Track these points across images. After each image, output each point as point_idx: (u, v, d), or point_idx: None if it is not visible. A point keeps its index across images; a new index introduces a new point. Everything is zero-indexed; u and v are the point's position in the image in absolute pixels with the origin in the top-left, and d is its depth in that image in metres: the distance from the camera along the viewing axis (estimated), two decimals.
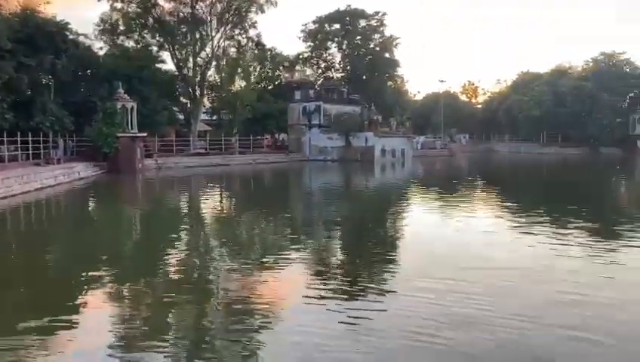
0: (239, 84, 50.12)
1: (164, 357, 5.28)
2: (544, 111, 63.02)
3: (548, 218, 13.81)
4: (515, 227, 12.60)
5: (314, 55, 60.88)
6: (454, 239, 11.26)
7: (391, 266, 9.02)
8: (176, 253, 10.36)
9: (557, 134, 63.94)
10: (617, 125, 62.72)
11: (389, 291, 7.43)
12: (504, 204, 18.38)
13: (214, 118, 53.13)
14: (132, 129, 32.31)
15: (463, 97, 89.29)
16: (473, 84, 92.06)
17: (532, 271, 8.31)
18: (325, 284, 7.71)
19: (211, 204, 20.05)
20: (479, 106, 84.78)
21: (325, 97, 49.66)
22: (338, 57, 60.95)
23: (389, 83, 61.29)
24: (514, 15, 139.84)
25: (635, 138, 60.59)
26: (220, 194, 24.15)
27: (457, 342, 5.44)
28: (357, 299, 7.03)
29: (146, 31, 43.82)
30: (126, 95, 32.66)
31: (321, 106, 48.28)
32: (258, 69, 54.86)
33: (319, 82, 58.07)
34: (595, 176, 33.05)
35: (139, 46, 43.35)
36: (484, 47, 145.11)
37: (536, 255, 9.43)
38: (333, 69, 61.42)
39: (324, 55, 61.12)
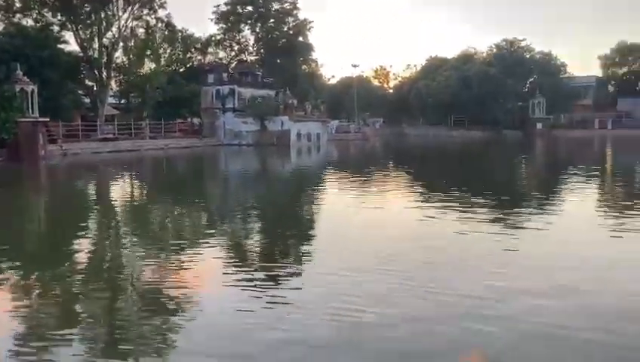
0: (148, 66, 48.35)
1: (75, 348, 5.03)
2: (452, 96, 65.56)
3: (457, 198, 14.42)
4: (428, 207, 13.04)
5: (227, 37, 59.79)
6: (370, 221, 11.48)
7: (307, 248, 9.08)
8: (83, 244, 9.85)
9: (464, 118, 66.74)
10: (519, 109, 66.55)
11: (308, 272, 7.49)
12: (416, 185, 18.98)
13: (123, 101, 50.96)
14: (33, 113, 30.34)
15: (376, 82, 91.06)
16: (385, 69, 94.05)
17: (442, 246, 8.65)
18: (243, 269, 7.64)
19: (121, 192, 19.26)
20: (391, 91, 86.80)
21: (239, 81, 48.93)
22: (252, 40, 60.21)
23: (304, 67, 61.34)
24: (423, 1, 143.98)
25: (534, 121, 64.61)
26: (131, 181, 23.24)
27: (376, 315, 5.57)
28: (276, 281, 7.01)
29: (46, 9, 41.15)
30: (25, 77, 30.58)
31: (236, 90, 47.55)
32: (168, 51, 53.18)
33: (233, 65, 57.15)
34: (500, 158, 34.86)
35: (38, 25, 40.66)
36: (395, 32, 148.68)
37: (446, 232, 9.80)
38: (246, 52, 60.60)
39: (238, 37, 60.15)
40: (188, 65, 55.50)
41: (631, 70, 75.25)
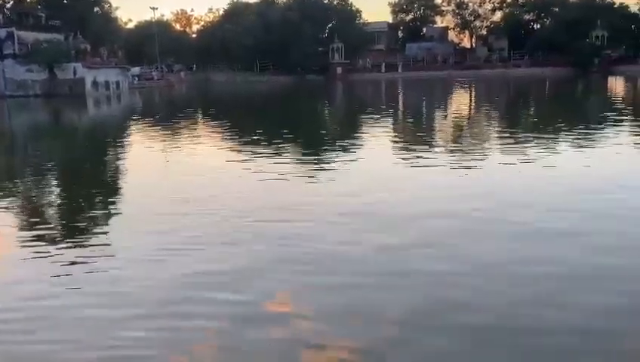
0: None
1: None
2: (255, 41, 65.53)
3: (265, 144, 14.58)
4: (239, 160, 12.97)
5: None
6: (180, 176, 11.06)
7: (113, 207, 8.48)
8: None
9: (269, 63, 67.35)
10: (320, 54, 69.05)
11: (114, 232, 7.00)
12: (225, 134, 18.76)
13: None
14: None
15: (177, 26, 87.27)
16: (186, 13, 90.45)
17: (248, 193, 8.70)
18: (42, 233, 6.87)
19: None
20: (194, 36, 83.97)
21: (19, 23, 43.28)
22: None
23: (95, 9, 56.22)
24: None
25: (335, 65, 67.75)
26: None
27: (180, 272, 5.40)
28: (78, 245, 6.43)
29: None
30: None
31: (14, 33, 42.01)
32: None
33: (9, 5, 50.14)
34: (305, 102, 36.01)
35: None
36: None
37: (252, 180, 9.86)
38: None
39: None
40: None
41: (416, 17, 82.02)
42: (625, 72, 56.39)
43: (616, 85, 41.19)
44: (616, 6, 67.06)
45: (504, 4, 75.83)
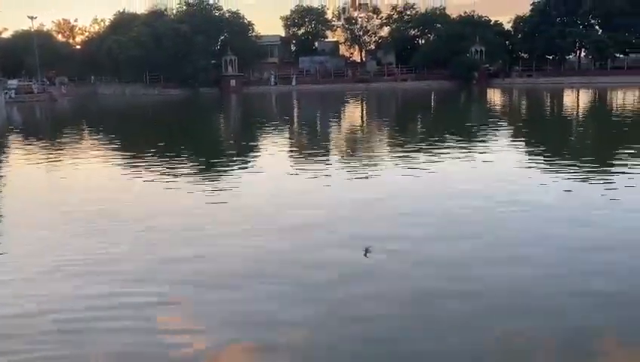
0: None
1: None
2: (145, 53, 63.38)
3: (154, 158, 14.09)
4: (128, 175, 12.43)
5: None
6: (64, 193, 10.40)
7: None
8: None
9: (159, 75, 65.43)
10: (213, 67, 68.15)
11: None
12: (112, 149, 17.92)
13: None
14: None
15: (60, 37, 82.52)
16: (69, 23, 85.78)
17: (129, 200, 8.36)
18: None
19: None
20: (78, 47, 79.77)
21: None
22: None
23: None
24: None
25: (228, 78, 67.20)
26: None
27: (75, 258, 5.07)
28: None
29: None
30: None
31: None
32: None
33: None
34: (199, 115, 35.31)
35: None
36: None
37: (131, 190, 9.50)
38: None
39: None
40: None
41: (308, 31, 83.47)
42: (501, 84, 60.90)
43: (495, 96, 44.26)
44: (491, 23, 72.14)
45: (391, 20, 79.11)
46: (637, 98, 36.77)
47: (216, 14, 72.51)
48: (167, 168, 11.95)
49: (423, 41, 75.11)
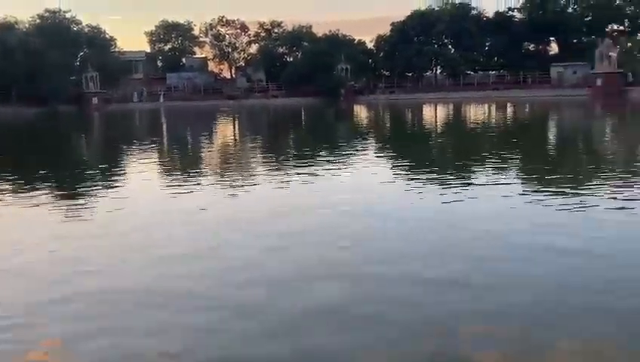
0: None
1: None
2: None
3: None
4: None
5: None
6: None
7: None
8: None
9: (11, 92, 59.92)
10: (72, 83, 64.08)
11: None
12: None
13: None
14: None
15: None
16: None
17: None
18: None
19: None
20: None
21: None
22: None
23: None
24: None
25: (90, 95, 63.58)
26: None
27: None
28: None
29: None
30: None
31: None
32: None
33: None
34: (59, 136, 32.90)
35: None
36: None
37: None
38: None
39: None
40: None
41: (175, 47, 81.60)
42: (367, 100, 63.72)
43: (361, 112, 46.10)
44: (355, 42, 75.38)
45: (259, 38, 79.76)
46: (486, 111, 40.31)
47: (75, 28, 68.51)
48: (16, 196, 10.88)
49: (292, 59, 76.56)
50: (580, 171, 12.72)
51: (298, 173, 12.59)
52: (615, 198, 8.99)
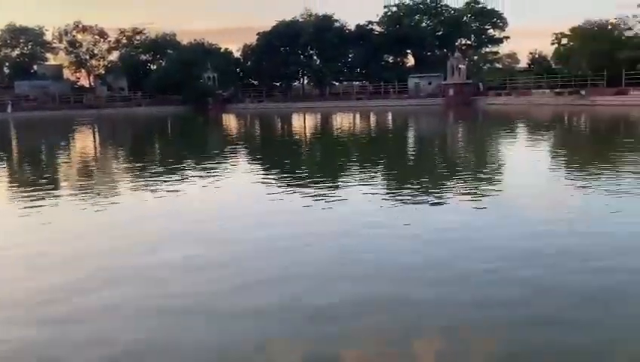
0: None
1: None
2: None
3: None
4: None
5: None
6: None
7: None
8: None
9: None
10: None
11: None
12: None
13: None
14: None
15: None
16: None
17: None
18: None
19: None
20: None
21: None
22: None
23: None
24: None
25: None
26: None
27: None
28: None
29: None
30: None
31: None
32: None
33: None
34: None
35: None
36: None
37: None
38: None
39: None
40: None
41: (24, 53, 75.43)
42: (236, 109, 63.44)
43: (230, 121, 45.68)
44: (222, 50, 74.77)
45: (120, 45, 76.27)
46: (351, 119, 41.87)
47: None
48: None
49: (156, 67, 74.12)
50: (427, 173, 13.59)
51: (157, 188, 12.13)
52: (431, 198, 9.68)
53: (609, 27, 54.81)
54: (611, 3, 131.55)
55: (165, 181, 12.63)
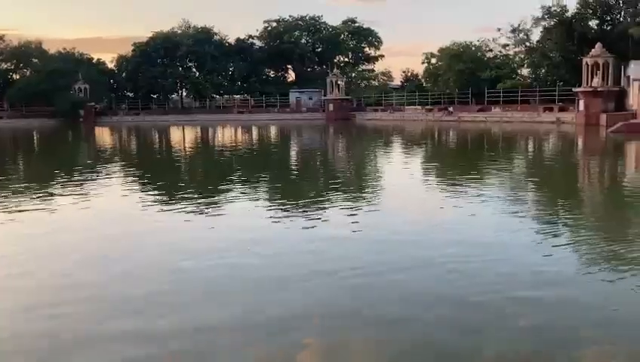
0: None
1: None
2: None
3: None
4: None
5: None
6: None
7: None
8: None
9: None
10: None
11: None
12: None
13: None
14: None
15: None
16: None
17: None
18: None
19: None
20: None
21: None
22: None
23: None
24: None
25: None
26: None
27: None
28: None
29: None
30: None
31: None
32: None
33: None
34: None
35: None
36: None
37: None
38: None
39: None
40: None
41: None
42: (110, 122, 60.38)
43: (103, 134, 43.30)
44: (94, 61, 70.86)
45: None
46: (233, 132, 41.52)
47: None
48: None
49: (19, 76, 68.64)
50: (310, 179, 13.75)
51: (32, 203, 11.13)
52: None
53: (472, 48, 58.89)
54: (474, 26, 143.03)
55: (20, 201, 11.58)
